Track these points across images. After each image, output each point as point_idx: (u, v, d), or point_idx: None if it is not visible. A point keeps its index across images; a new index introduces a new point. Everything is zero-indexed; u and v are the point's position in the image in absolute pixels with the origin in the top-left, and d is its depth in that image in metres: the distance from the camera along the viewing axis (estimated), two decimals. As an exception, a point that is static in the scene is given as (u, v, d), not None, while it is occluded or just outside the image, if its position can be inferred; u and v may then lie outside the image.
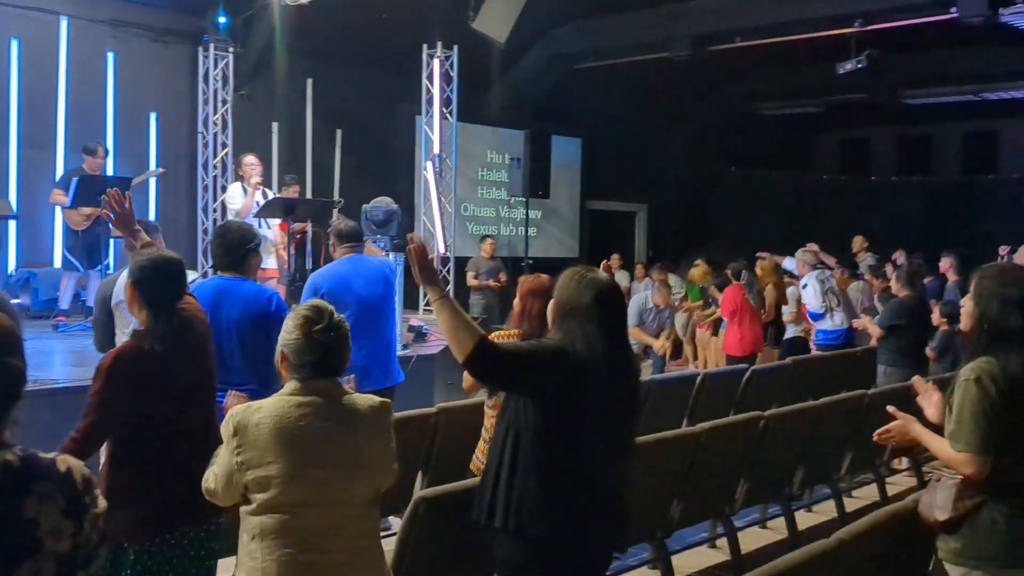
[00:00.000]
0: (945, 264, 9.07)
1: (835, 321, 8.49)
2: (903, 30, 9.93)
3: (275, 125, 9.60)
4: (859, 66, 9.84)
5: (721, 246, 14.05)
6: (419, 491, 4.34)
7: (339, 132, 9.71)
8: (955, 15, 9.11)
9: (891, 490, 6.33)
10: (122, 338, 4.10)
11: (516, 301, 3.94)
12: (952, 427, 2.96)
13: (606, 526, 2.91)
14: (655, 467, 4.23)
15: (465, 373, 3.91)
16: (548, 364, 2.78)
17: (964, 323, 3.11)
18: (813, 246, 10.35)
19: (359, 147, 10.58)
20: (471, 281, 10.47)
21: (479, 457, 3.91)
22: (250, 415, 2.48)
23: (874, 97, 13.33)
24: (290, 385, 2.56)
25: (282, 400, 2.52)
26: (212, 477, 2.57)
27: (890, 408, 3.32)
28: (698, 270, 11.15)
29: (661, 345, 8.95)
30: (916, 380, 3.45)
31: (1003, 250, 9.46)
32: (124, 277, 3.71)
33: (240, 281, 4.19)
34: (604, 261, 12.87)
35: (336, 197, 9.12)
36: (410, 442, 4.48)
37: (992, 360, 2.93)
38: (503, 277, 10.71)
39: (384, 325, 5.15)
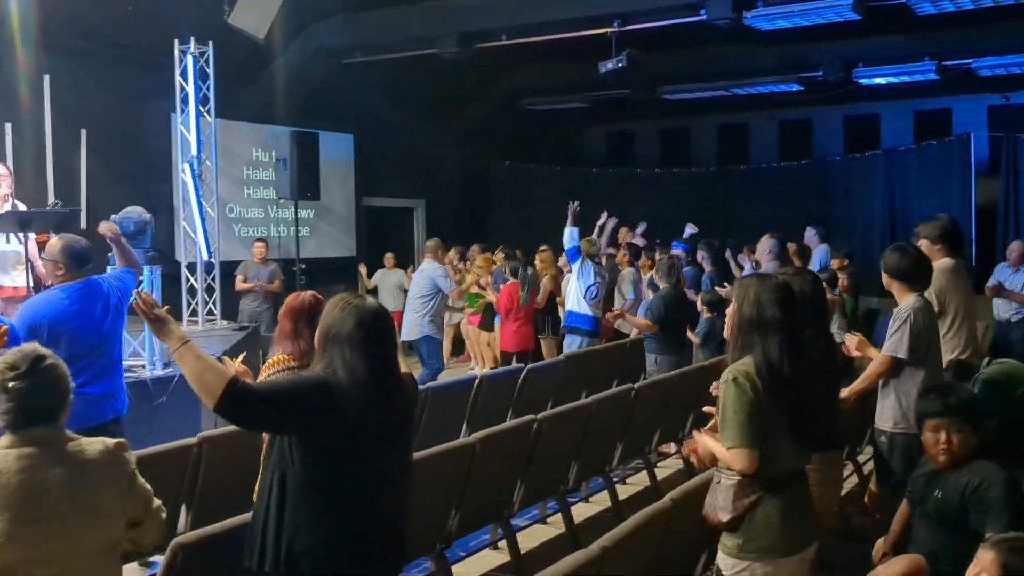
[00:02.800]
0: (700, 255, 9.58)
1: (590, 310, 8.72)
2: (658, 31, 10.37)
3: (8, 126, 8.71)
4: (620, 65, 10.19)
5: (500, 239, 14.23)
6: (181, 530, 4.07)
7: (84, 132, 8.95)
8: (704, 17, 9.61)
9: (660, 474, 6.62)
10: None
11: (281, 320, 3.78)
12: (721, 427, 3.10)
13: (384, 557, 2.85)
14: (431, 481, 4.17)
15: None
16: (307, 400, 2.66)
17: (727, 327, 3.26)
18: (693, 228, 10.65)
19: (108, 148, 9.80)
20: (239, 285, 10.01)
21: None
22: None
23: (635, 93, 13.89)
24: (6, 438, 2.39)
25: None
26: None
27: (695, 435, 3.40)
28: (483, 258, 11.11)
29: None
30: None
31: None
32: None
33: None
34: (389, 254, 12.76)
35: (83, 204, 8.41)
36: (169, 478, 4.17)
37: (748, 360, 3.07)
38: (278, 285, 10.34)
39: (111, 350, 4.75)
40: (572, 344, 8.47)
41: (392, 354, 2.89)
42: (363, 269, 12.77)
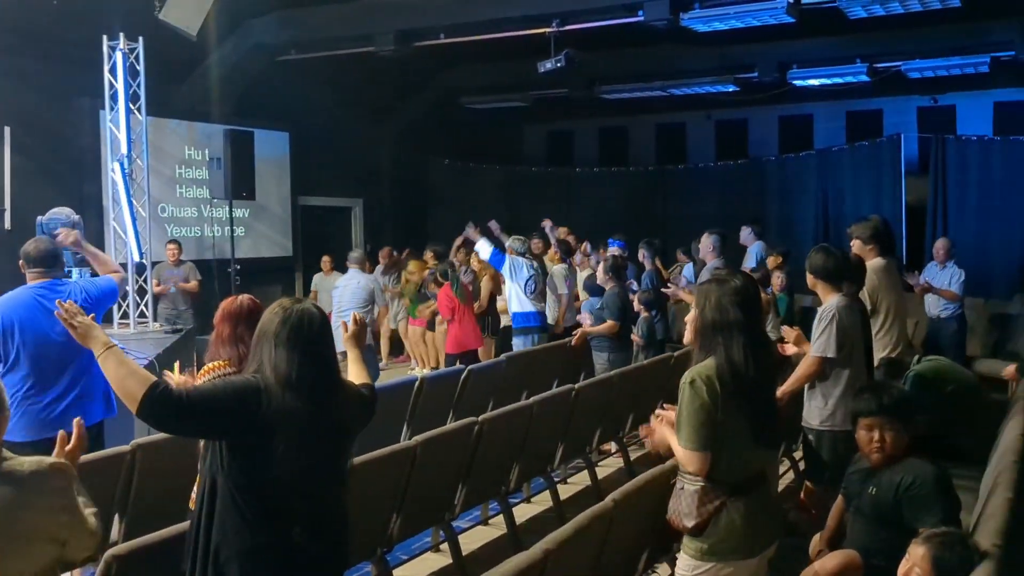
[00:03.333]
0: (641, 254, 9.64)
1: (533, 306, 8.72)
2: (596, 31, 10.41)
3: (-72, 123, 8.40)
4: (558, 65, 10.21)
5: (438, 238, 14.15)
6: (114, 540, 3.96)
7: (7, 130, 8.66)
8: (641, 18, 9.67)
9: (601, 473, 6.65)
10: None
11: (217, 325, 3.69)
12: (676, 427, 3.15)
13: (318, 564, 2.78)
14: (372, 485, 4.12)
15: None
16: (231, 403, 2.63)
17: (688, 331, 3.28)
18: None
19: (34, 146, 9.51)
20: (154, 288, 9.79)
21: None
22: None
23: (574, 93, 13.93)
24: None
25: None
26: None
27: (654, 421, 3.41)
28: (413, 263, 11.13)
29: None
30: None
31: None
32: None
33: None
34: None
35: (7, 204, 8.13)
36: (102, 486, 4.05)
37: (710, 363, 3.09)
38: (194, 284, 10.14)
39: (74, 356, 4.65)
40: (527, 344, 8.43)
41: (324, 354, 2.83)
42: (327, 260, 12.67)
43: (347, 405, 2.89)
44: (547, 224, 10.66)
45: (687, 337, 3.31)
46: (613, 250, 9.64)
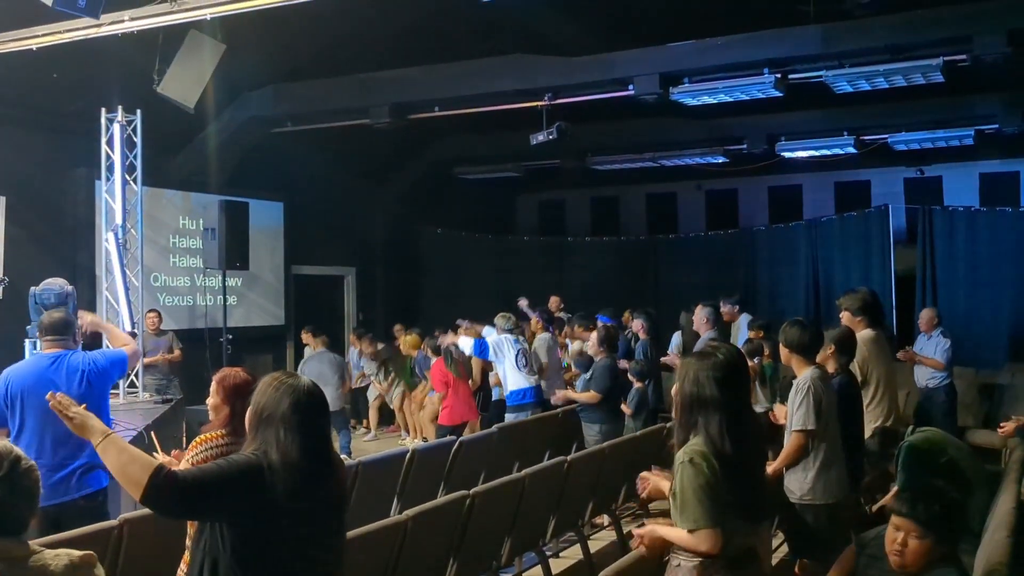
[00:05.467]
0: (637, 325, 9.63)
1: (527, 381, 8.68)
2: (588, 104, 10.61)
3: (-77, 193, 8.45)
4: (550, 137, 10.37)
5: (431, 309, 14.20)
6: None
7: (3, 199, 8.71)
8: (632, 92, 9.86)
9: (594, 547, 6.57)
10: None
11: (216, 399, 3.64)
12: (678, 510, 3.10)
13: None
14: (361, 560, 4.05)
15: None
16: (239, 485, 2.60)
17: (675, 408, 3.28)
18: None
19: (28, 216, 9.55)
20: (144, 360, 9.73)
21: (185, 570, 3.57)
22: None
23: (566, 163, 14.12)
24: None
25: None
26: None
27: (637, 533, 3.36)
28: (411, 338, 11.17)
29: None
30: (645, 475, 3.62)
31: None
32: None
33: None
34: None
35: (1, 273, 8.14)
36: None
37: (699, 440, 3.09)
38: (177, 354, 10.11)
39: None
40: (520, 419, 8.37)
41: (326, 435, 2.87)
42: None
43: (342, 478, 2.90)
44: (523, 303, 10.71)
45: (674, 411, 3.31)
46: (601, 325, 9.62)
